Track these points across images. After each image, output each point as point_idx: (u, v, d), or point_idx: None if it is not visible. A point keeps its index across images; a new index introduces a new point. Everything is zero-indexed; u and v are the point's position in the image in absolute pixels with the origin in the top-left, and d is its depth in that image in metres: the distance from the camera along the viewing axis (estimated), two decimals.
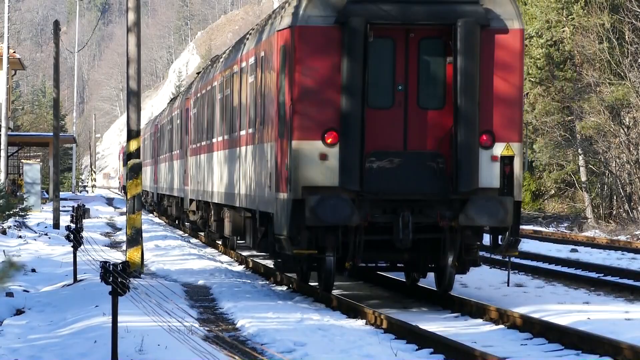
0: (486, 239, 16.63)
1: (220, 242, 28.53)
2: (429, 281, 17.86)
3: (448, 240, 16.03)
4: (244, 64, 20.87)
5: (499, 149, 16.08)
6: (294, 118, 15.98)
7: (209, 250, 28.51)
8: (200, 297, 17.57)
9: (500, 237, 16.27)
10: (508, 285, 18.80)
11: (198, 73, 32.82)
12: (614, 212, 42.57)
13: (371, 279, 20.19)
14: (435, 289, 17.22)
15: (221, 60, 25.98)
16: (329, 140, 15.90)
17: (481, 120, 15.86)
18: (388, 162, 16.07)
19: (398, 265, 17.42)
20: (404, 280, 18.69)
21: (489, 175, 16.03)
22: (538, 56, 43.86)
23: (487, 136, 16.05)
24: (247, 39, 21.56)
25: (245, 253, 26.26)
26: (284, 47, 16.43)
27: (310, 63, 15.97)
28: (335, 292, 17.15)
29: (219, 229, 25.65)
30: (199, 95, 28.79)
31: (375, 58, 16.05)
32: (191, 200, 30.70)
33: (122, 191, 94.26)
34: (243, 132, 20.75)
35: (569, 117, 44.02)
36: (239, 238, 23.28)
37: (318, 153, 15.89)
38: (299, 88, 16.00)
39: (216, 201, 24.74)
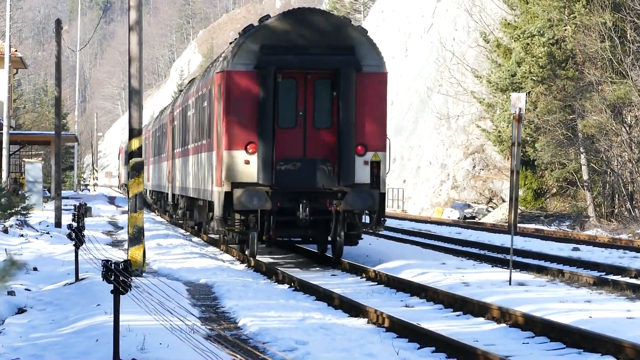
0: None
1: (196, 228, 33.81)
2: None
3: (335, 220, 22.42)
4: (197, 95, 28.21)
5: (369, 156, 22.45)
6: (226, 134, 22.31)
7: (211, 249, 28.53)
8: (202, 296, 17.59)
9: (374, 217, 22.65)
10: (510, 284, 18.79)
11: (180, 90, 40.37)
12: (616, 211, 42.55)
13: (296, 251, 27.27)
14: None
15: (187, 88, 33.66)
16: (250, 150, 22.14)
17: (357, 136, 22.23)
18: (292, 165, 22.39)
19: (310, 239, 23.98)
20: (317, 251, 25.29)
21: (362, 175, 22.39)
22: (540, 55, 43.80)
23: (361, 147, 22.39)
24: (199, 77, 29.72)
25: (247, 252, 26.45)
26: (220, 84, 22.89)
27: (237, 96, 22.27)
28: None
29: (191, 217, 32.46)
30: (177, 111, 35.39)
31: (282, 92, 22.31)
32: (173, 195, 37.50)
33: (121, 188, 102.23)
34: (198, 144, 27.84)
35: (571, 116, 43.98)
36: (205, 223, 28.71)
37: (243, 159, 22.16)
38: (229, 113, 22.29)
39: (188, 195, 31.08)
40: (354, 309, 15.31)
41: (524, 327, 13.81)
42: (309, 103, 22.50)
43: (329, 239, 23.02)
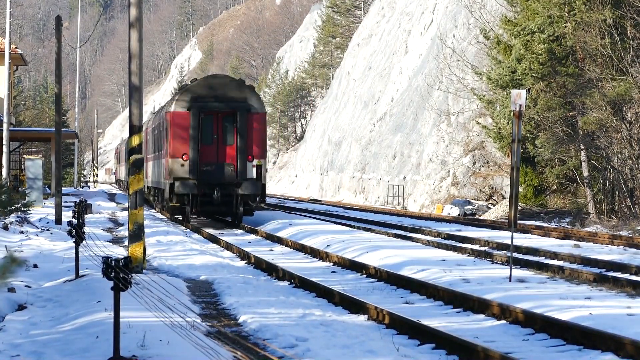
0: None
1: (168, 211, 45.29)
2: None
3: (236, 200, 35.90)
4: (158, 122, 42.48)
5: (255, 162, 35.82)
6: (170, 149, 36.06)
7: (211, 245, 28.54)
8: (202, 293, 17.58)
9: (259, 198, 36.30)
10: (510, 281, 18.78)
11: (155, 112, 53.74)
12: (616, 208, 42.53)
13: (220, 221, 41.69)
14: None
15: (157, 112, 49.32)
16: (184, 158, 35.86)
17: (248, 150, 35.76)
18: (210, 167, 35.98)
19: (223, 213, 37.92)
20: (229, 220, 40.25)
21: (251, 173, 35.79)
22: (540, 52, 43.77)
23: (251, 157, 35.84)
24: (160, 111, 44.86)
25: (247, 249, 26.52)
26: (167, 119, 36.78)
27: (178, 127, 36.12)
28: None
29: (158, 200, 44.98)
30: (150, 128, 48.57)
31: (204, 124, 36.10)
32: (148, 187, 50.35)
33: (117, 184, 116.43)
34: (158, 152, 41.27)
35: (571, 113, 43.95)
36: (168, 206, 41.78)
37: (180, 163, 35.90)
38: (173, 137, 36.08)
39: (155, 186, 44.54)
40: (354, 305, 15.30)
41: (524, 323, 13.81)
42: (220, 130, 36.20)
43: (235, 212, 36.42)
